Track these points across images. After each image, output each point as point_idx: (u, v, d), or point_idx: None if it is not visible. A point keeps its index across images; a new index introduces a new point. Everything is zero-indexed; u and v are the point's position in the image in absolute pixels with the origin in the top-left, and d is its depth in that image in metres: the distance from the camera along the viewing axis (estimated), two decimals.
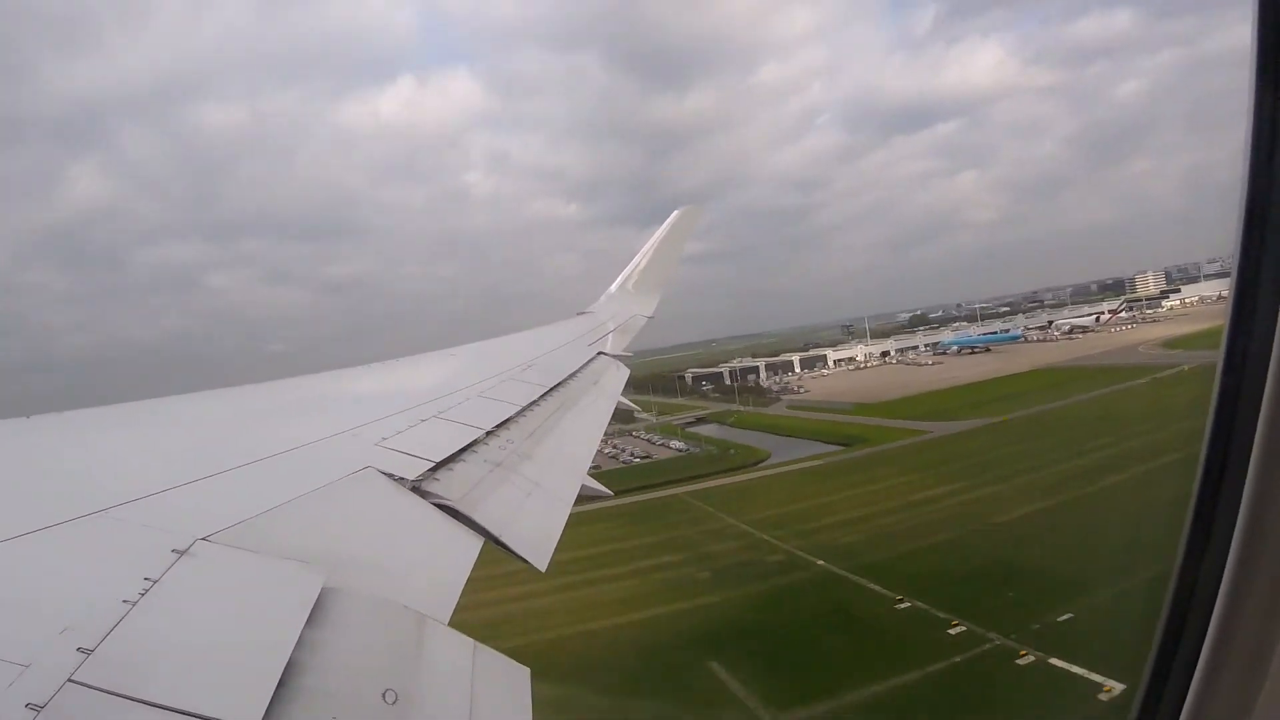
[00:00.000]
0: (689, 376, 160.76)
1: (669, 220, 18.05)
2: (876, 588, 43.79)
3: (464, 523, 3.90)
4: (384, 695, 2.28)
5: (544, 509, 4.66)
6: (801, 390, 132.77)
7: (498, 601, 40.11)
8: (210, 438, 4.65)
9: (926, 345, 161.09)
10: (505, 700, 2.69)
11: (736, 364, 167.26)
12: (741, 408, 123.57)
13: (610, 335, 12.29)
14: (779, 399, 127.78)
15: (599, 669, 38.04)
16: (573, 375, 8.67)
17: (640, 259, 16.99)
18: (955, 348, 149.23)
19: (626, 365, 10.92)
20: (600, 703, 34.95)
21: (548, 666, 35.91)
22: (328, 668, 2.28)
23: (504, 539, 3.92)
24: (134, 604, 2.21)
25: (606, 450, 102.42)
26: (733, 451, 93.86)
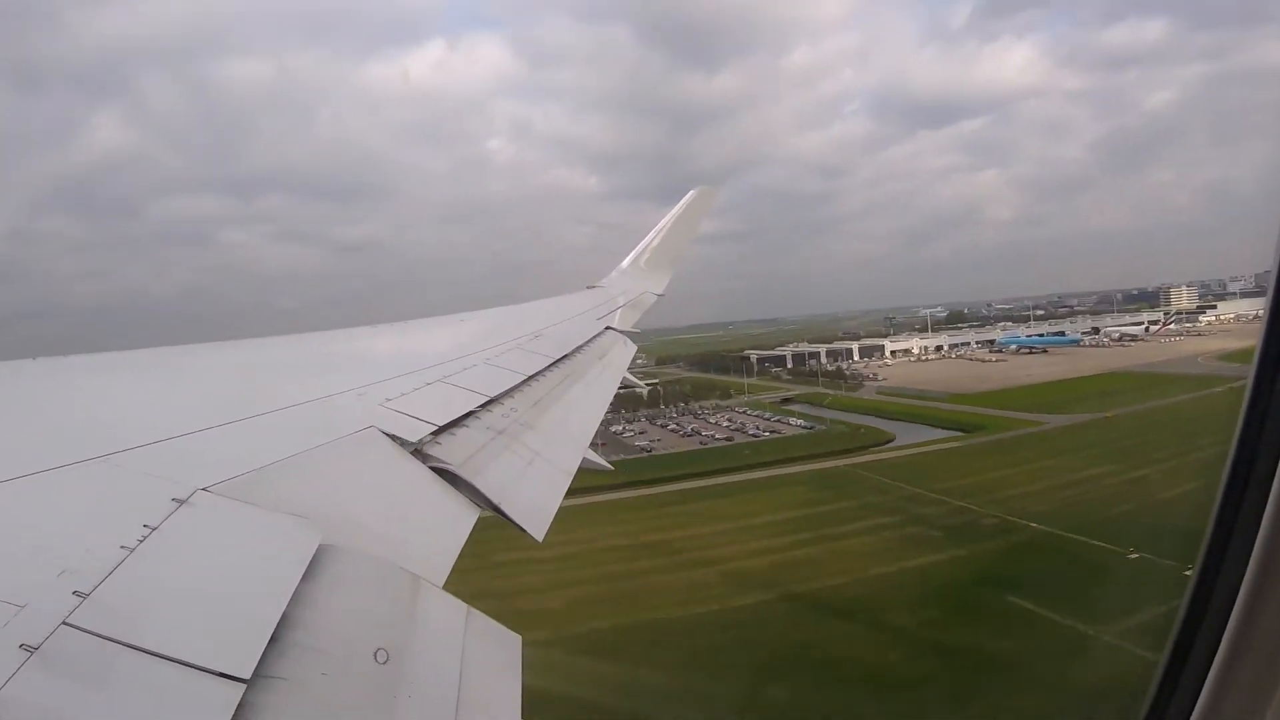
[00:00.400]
0: (753, 358, 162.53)
1: (684, 200, 17.98)
2: (1100, 543, 48.24)
3: (463, 489, 3.91)
4: (375, 654, 2.29)
5: (544, 479, 4.67)
6: (880, 378, 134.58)
7: (791, 547, 51.24)
8: (216, 389, 4.66)
9: (978, 342, 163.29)
10: (496, 665, 2.70)
11: (792, 349, 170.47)
12: (830, 391, 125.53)
13: (620, 310, 12.27)
14: (862, 384, 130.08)
15: (917, 605, 43.76)
16: (580, 348, 8.65)
17: (654, 237, 16.94)
18: (1014, 347, 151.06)
19: (635, 341, 10.91)
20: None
21: (884, 604, 43.79)
22: (320, 624, 2.28)
23: (503, 506, 3.92)
24: (132, 550, 2.22)
25: (725, 424, 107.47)
26: (863, 431, 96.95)
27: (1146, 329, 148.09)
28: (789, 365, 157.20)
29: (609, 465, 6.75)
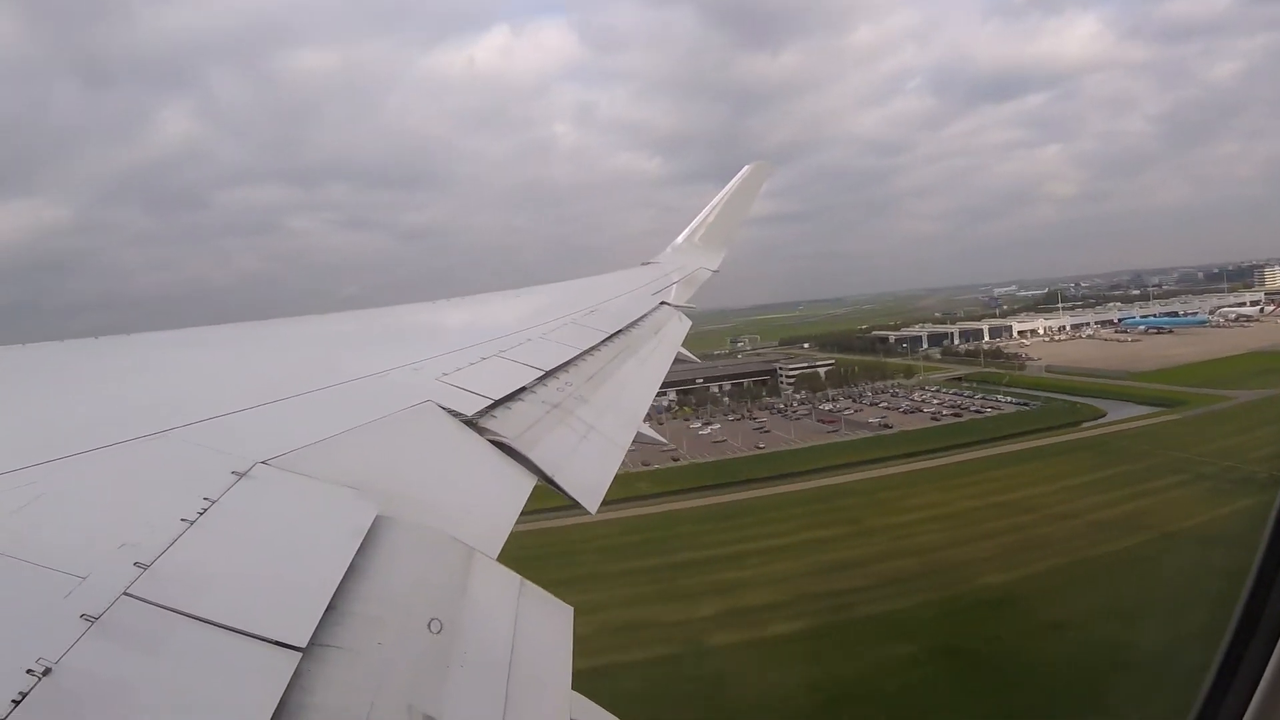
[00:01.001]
0: (891, 339, 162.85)
1: (738, 176, 17.68)
2: None
3: (518, 460, 3.91)
4: (429, 624, 2.29)
5: (598, 453, 4.65)
6: (1034, 358, 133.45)
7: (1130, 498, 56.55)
8: (275, 364, 4.73)
9: (1097, 323, 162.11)
10: (547, 637, 2.69)
11: (926, 329, 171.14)
12: (1004, 371, 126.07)
13: (675, 286, 12.18)
14: (1024, 364, 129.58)
15: None
16: (635, 323, 8.61)
17: (708, 213, 16.72)
18: (1142, 328, 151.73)
19: (689, 317, 10.82)
20: None
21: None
22: (376, 594, 2.30)
23: (557, 479, 3.92)
24: (192, 523, 2.25)
25: (934, 401, 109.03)
26: (1079, 406, 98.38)
27: (1261, 310, 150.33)
28: (924, 345, 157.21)
29: (664, 440, 6.72)
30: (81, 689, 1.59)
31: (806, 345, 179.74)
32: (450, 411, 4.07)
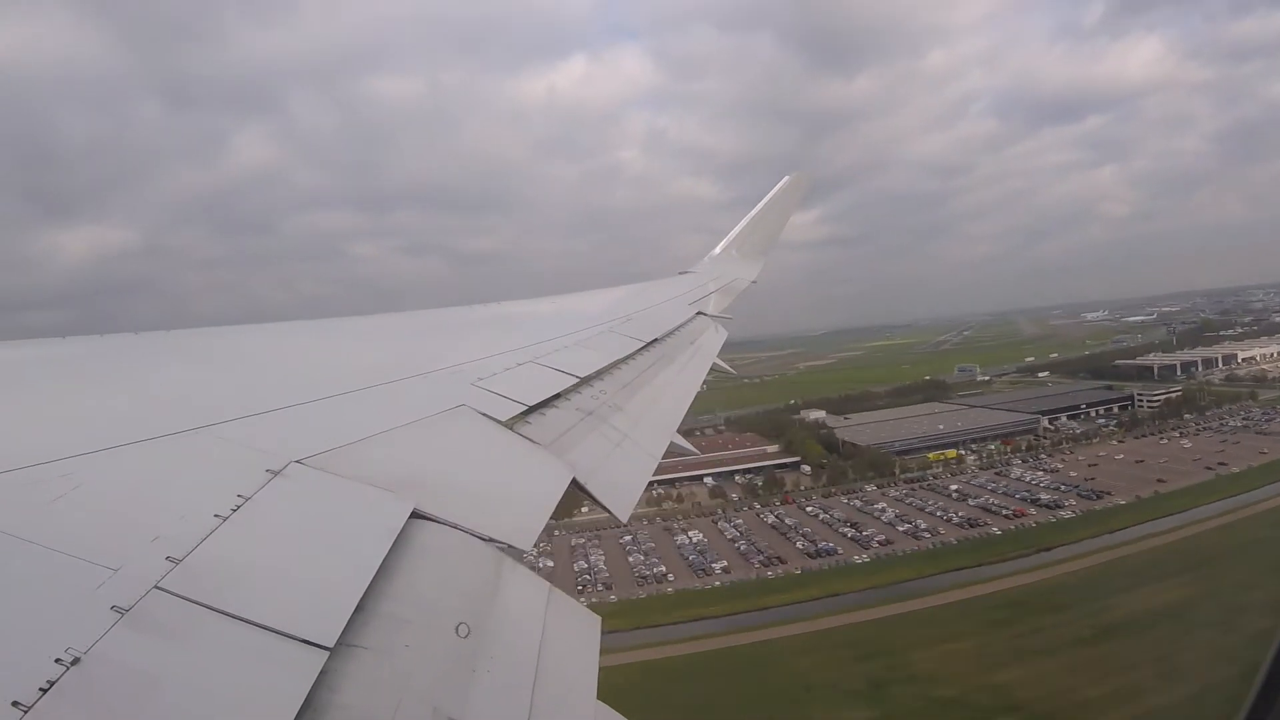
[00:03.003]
0: (1155, 367, 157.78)
1: (777, 186, 17.49)
2: None
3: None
4: (457, 628, 2.29)
5: (631, 461, 4.62)
6: None
7: None
8: (313, 364, 4.77)
9: None
10: (574, 645, 2.67)
11: (1155, 359, 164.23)
12: None
13: (712, 296, 12.11)
14: None
15: None
16: (671, 332, 8.57)
17: (746, 224, 16.58)
18: None
19: (725, 328, 10.75)
20: None
21: None
22: (406, 596, 2.30)
23: (589, 486, 3.90)
24: (225, 519, 2.27)
25: None
26: None
27: None
28: (1156, 374, 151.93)
29: (696, 450, 6.65)
30: (109, 680, 1.59)
31: (1044, 375, 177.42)
32: (485, 416, 4.08)
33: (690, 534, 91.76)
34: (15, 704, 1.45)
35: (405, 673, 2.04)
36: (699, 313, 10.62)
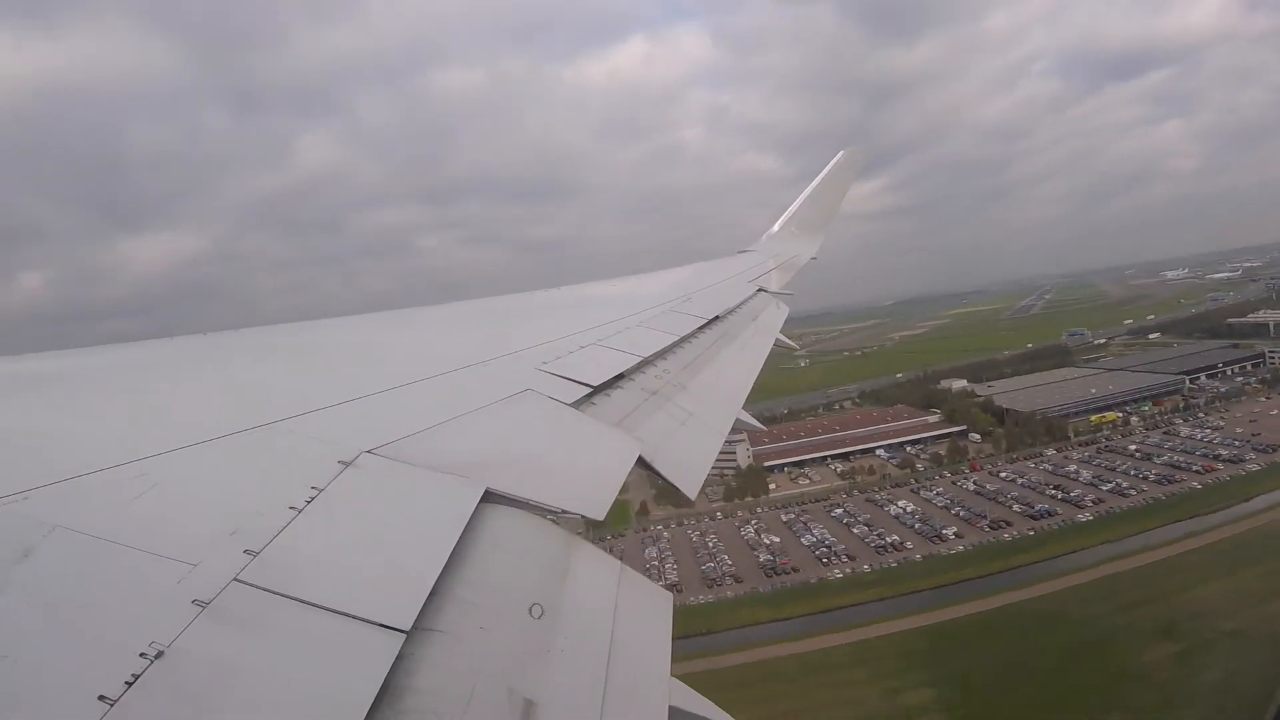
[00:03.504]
0: (1270, 324, 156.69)
1: (833, 162, 17.24)
2: None
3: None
4: (530, 610, 2.28)
5: (697, 439, 4.58)
6: None
7: None
8: (379, 356, 4.84)
9: None
10: (647, 623, 2.65)
11: (1267, 315, 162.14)
12: None
13: (772, 273, 11.97)
14: None
15: None
16: (732, 310, 8.49)
17: (803, 200, 16.40)
18: None
19: (786, 304, 10.61)
20: None
21: None
22: (479, 579, 2.30)
23: (655, 464, 3.87)
24: (300, 511, 2.30)
25: None
26: None
27: None
28: (1272, 331, 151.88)
29: (763, 426, 6.56)
30: (192, 671, 1.62)
31: (1155, 336, 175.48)
32: (550, 399, 4.08)
33: (900, 504, 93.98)
34: (101, 698, 1.48)
35: (481, 655, 2.04)
36: (760, 290, 10.51)
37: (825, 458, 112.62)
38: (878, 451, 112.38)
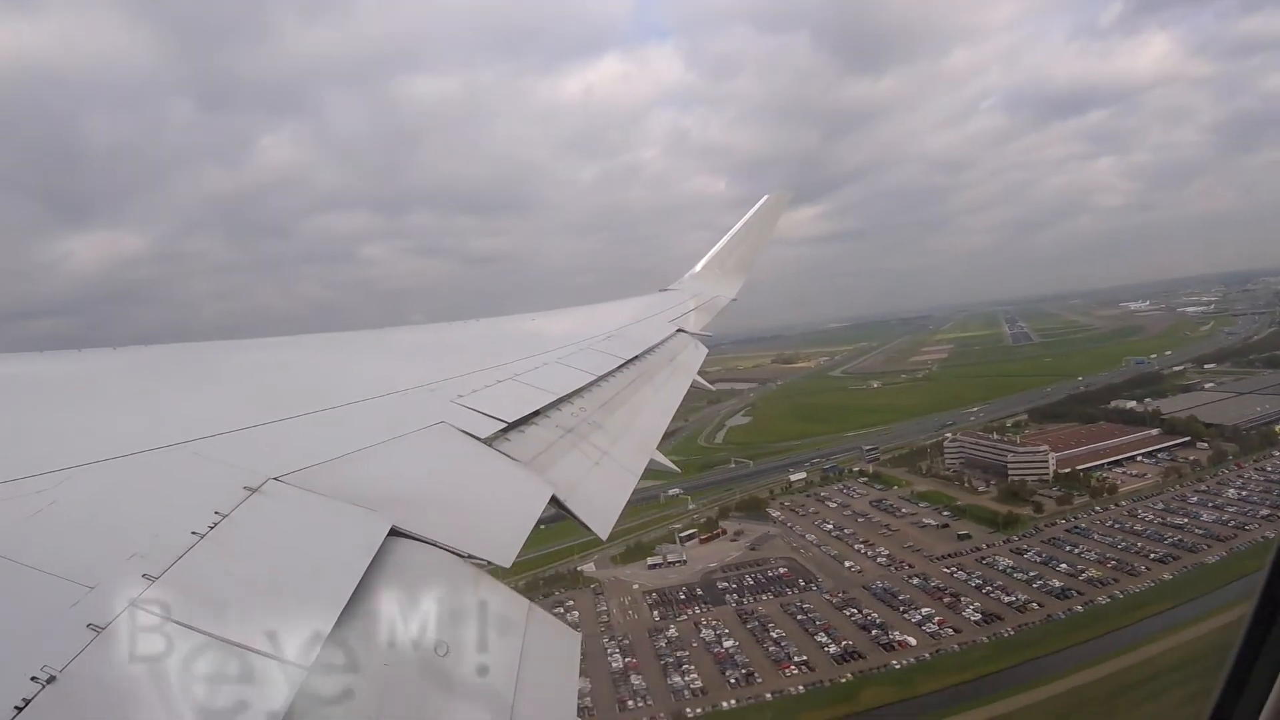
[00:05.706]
0: None
1: (757, 205, 17.78)
2: None
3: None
4: (436, 647, 2.28)
5: (611, 479, 4.62)
6: None
7: None
8: (293, 381, 4.75)
9: None
10: (555, 662, 2.67)
11: None
12: None
13: (691, 314, 12.17)
14: None
15: None
16: (651, 349, 8.59)
17: (727, 242, 16.79)
18: None
19: (705, 345, 10.80)
20: None
21: None
22: (384, 614, 2.29)
23: (569, 504, 3.90)
24: (202, 536, 2.26)
25: None
26: None
27: None
28: None
29: (676, 468, 6.65)
30: (85, 697, 1.59)
31: (1210, 366, 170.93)
32: (464, 433, 4.08)
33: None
34: None
35: (384, 692, 2.04)
36: (679, 330, 10.67)
37: (1121, 460, 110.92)
38: (1137, 458, 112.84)
